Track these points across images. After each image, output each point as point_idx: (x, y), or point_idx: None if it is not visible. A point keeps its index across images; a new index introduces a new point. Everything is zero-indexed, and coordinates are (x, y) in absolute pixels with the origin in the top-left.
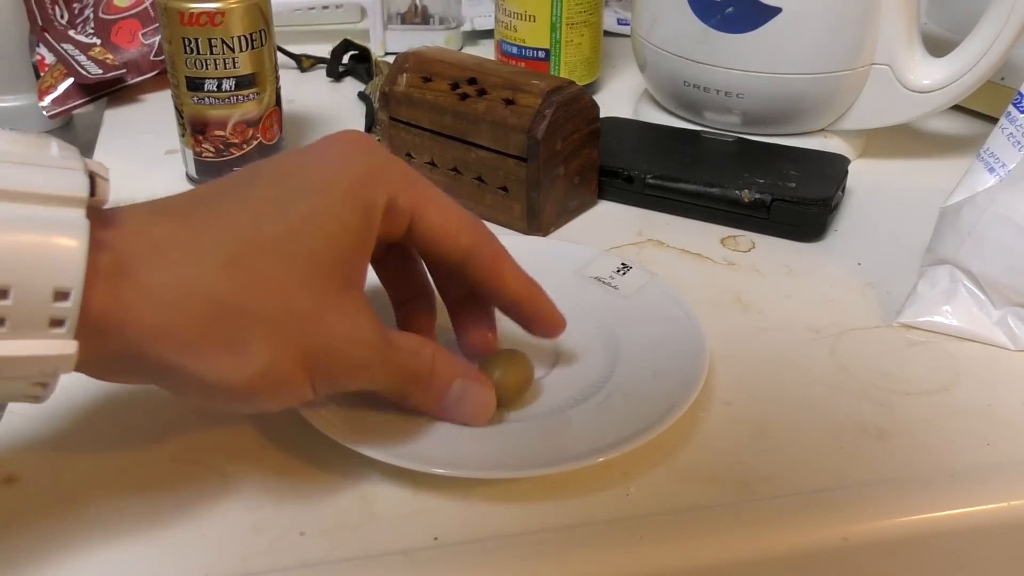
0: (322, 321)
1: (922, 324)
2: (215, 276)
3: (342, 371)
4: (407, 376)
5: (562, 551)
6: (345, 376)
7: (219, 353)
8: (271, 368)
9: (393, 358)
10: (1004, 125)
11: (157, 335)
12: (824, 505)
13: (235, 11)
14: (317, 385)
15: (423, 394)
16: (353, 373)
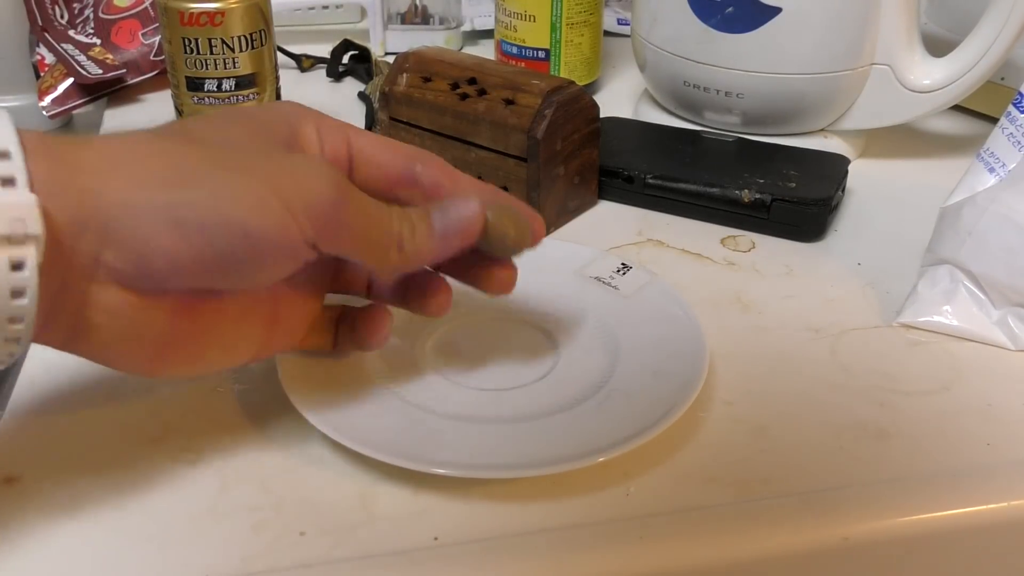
0: (284, 160)
1: (922, 324)
2: (172, 141)
3: (320, 207)
4: (386, 217)
5: (562, 551)
6: (326, 214)
7: (192, 188)
8: (247, 196)
9: (365, 200)
10: (1004, 125)
11: (122, 184)
12: (824, 505)
13: (235, 11)
14: (303, 225)
15: (409, 227)
16: (332, 211)
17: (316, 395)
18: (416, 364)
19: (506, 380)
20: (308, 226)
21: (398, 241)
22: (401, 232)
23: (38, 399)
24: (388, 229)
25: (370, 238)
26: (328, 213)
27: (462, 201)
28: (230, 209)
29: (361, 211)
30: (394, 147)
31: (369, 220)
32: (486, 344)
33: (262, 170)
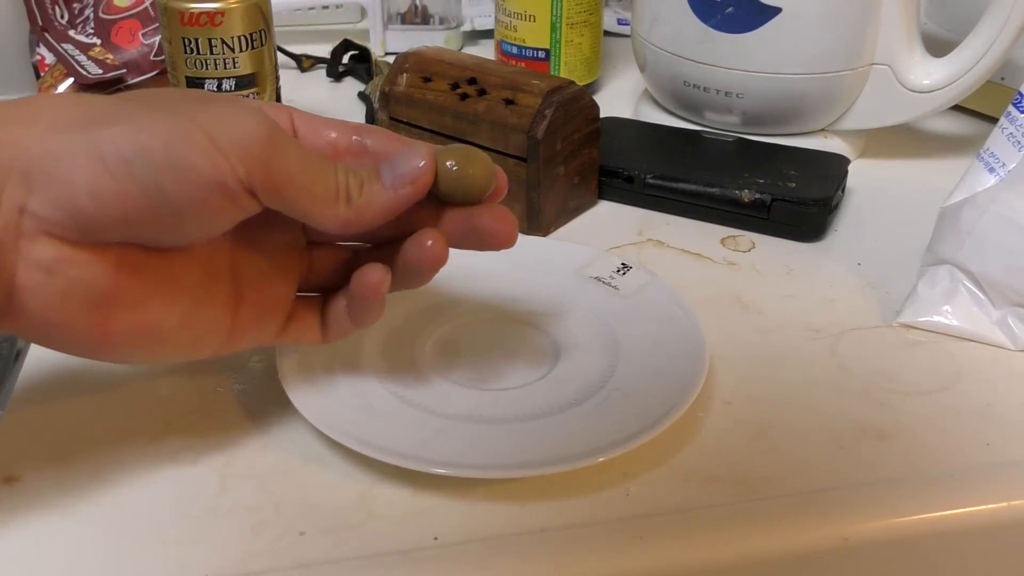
0: (211, 104)
1: (922, 324)
2: (96, 95)
3: (249, 145)
4: (330, 168)
5: (562, 551)
6: (258, 154)
7: (114, 125)
8: (170, 129)
9: (304, 150)
10: (1004, 125)
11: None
12: (824, 505)
13: (235, 11)
14: (233, 162)
15: (356, 181)
16: (264, 151)
17: (316, 395)
18: (416, 364)
19: (506, 380)
20: (238, 163)
21: (346, 193)
22: (348, 184)
23: (38, 399)
24: (333, 181)
25: (314, 191)
26: (260, 154)
27: (411, 151)
28: (151, 140)
29: (301, 160)
30: (338, 123)
31: (311, 170)
32: (486, 344)
33: (187, 111)
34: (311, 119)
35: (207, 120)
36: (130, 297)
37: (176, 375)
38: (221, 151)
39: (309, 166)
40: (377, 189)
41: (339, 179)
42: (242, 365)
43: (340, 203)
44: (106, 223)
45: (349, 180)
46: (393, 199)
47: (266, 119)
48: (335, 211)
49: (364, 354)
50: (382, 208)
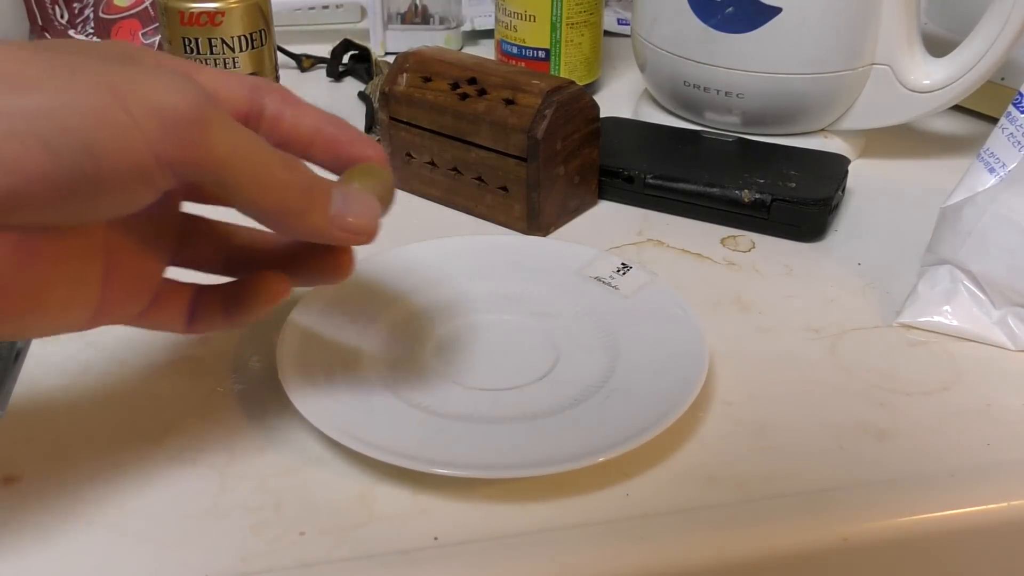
0: (135, 69)
1: (922, 324)
2: (11, 43)
3: (172, 119)
4: (280, 169)
5: (562, 551)
6: (182, 130)
7: (29, 94)
8: (88, 102)
9: (247, 137)
10: (1004, 125)
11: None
12: (824, 505)
13: (235, 11)
14: (151, 139)
15: (307, 201)
16: (190, 128)
17: (316, 395)
18: (416, 364)
19: (506, 380)
20: (157, 141)
21: (288, 209)
22: (296, 202)
23: (38, 399)
24: (282, 198)
25: (270, 183)
26: (185, 130)
27: (361, 195)
28: (68, 118)
29: (246, 143)
30: (236, 78)
31: (260, 158)
32: (486, 344)
33: (107, 76)
34: (210, 77)
35: (129, 90)
36: (25, 280)
37: (176, 375)
38: (141, 130)
39: (259, 154)
40: (320, 217)
41: (305, 178)
42: (242, 365)
43: (315, 212)
44: (16, 204)
45: (302, 203)
46: (331, 232)
47: (195, 90)
48: (311, 215)
49: (364, 354)
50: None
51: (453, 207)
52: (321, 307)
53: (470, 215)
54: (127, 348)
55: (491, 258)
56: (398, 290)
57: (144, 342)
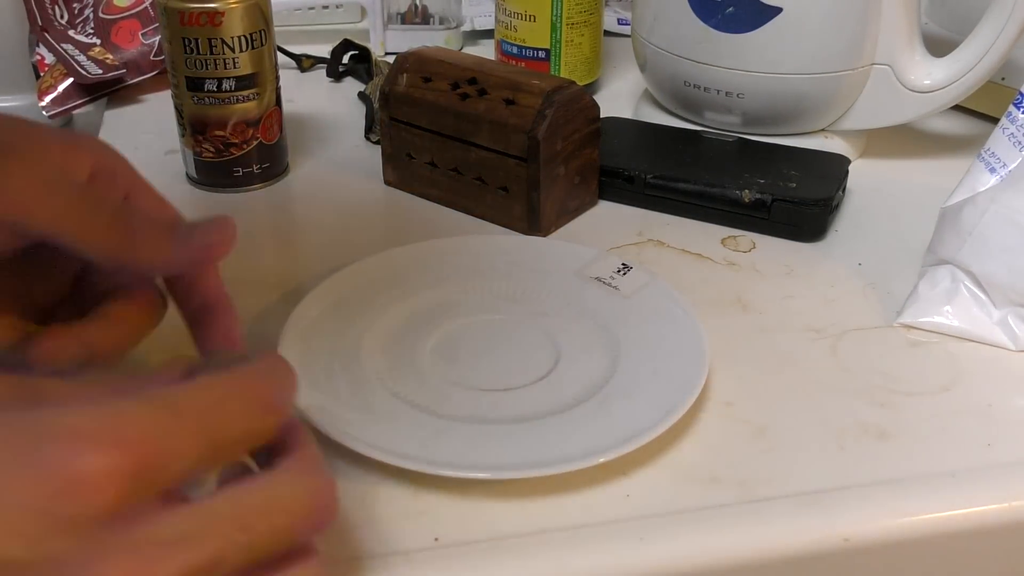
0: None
1: (923, 324)
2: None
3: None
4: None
5: (562, 551)
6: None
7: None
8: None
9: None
10: (1005, 125)
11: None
12: (824, 505)
13: (235, 11)
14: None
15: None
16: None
17: (316, 395)
18: (416, 364)
19: (506, 380)
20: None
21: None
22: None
23: None
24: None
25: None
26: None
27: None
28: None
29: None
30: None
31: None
32: (486, 344)
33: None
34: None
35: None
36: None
37: None
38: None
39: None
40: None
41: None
42: None
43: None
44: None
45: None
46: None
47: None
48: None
49: (364, 354)
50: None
51: (453, 207)
52: (321, 307)
53: (470, 215)
54: None
55: (491, 258)
56: (399, 290)
57: (144, 341)
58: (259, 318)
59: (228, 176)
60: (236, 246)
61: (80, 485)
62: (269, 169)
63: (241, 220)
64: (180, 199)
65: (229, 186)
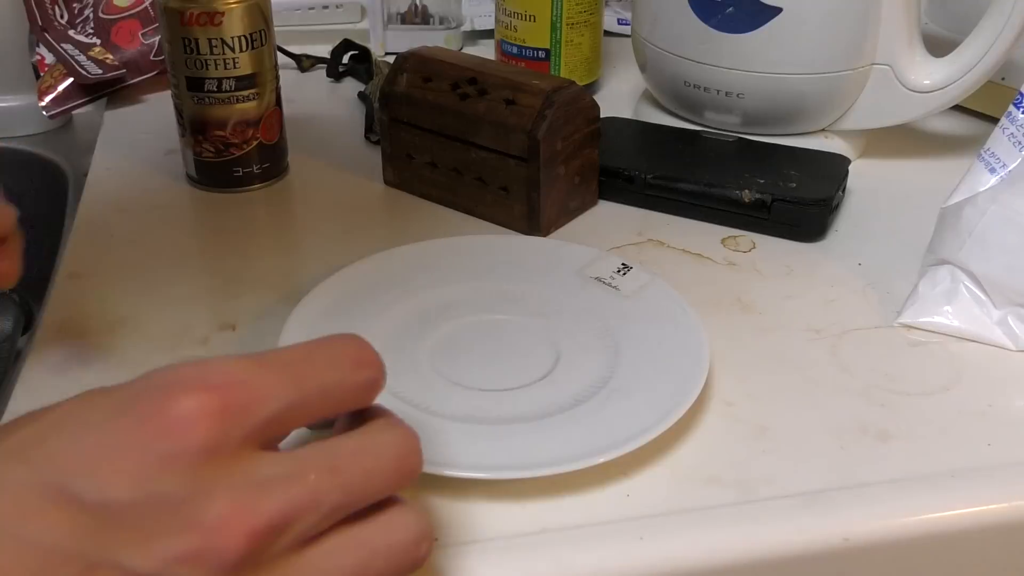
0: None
1: (923, 324)
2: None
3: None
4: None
5: (562, 551)
6: None
7: None
8: None
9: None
10: (1005, 125)
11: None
12: (824, 505)
13: (235, 11)
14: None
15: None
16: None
17: None
18: (416, 364)
19: (506, 380)
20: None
21: None
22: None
23: (38, 399)
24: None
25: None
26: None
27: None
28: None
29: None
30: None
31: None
32: (486, 344)
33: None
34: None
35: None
36: None
37: None
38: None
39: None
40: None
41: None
42: None
43: None
44: None
45: None
46: None
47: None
48: None
49: None
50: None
51: (453, 207)
52: (321, 307)
53: (470, 215)
54: (128, 347)
55: (491, 258)
56: (399, 290)
57: (145, 341)
58: (259, 318)
59: (228, 176)
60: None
61: (174, 423)
62: (269, 169)
63: (241, 220)
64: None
65: (229, 186)
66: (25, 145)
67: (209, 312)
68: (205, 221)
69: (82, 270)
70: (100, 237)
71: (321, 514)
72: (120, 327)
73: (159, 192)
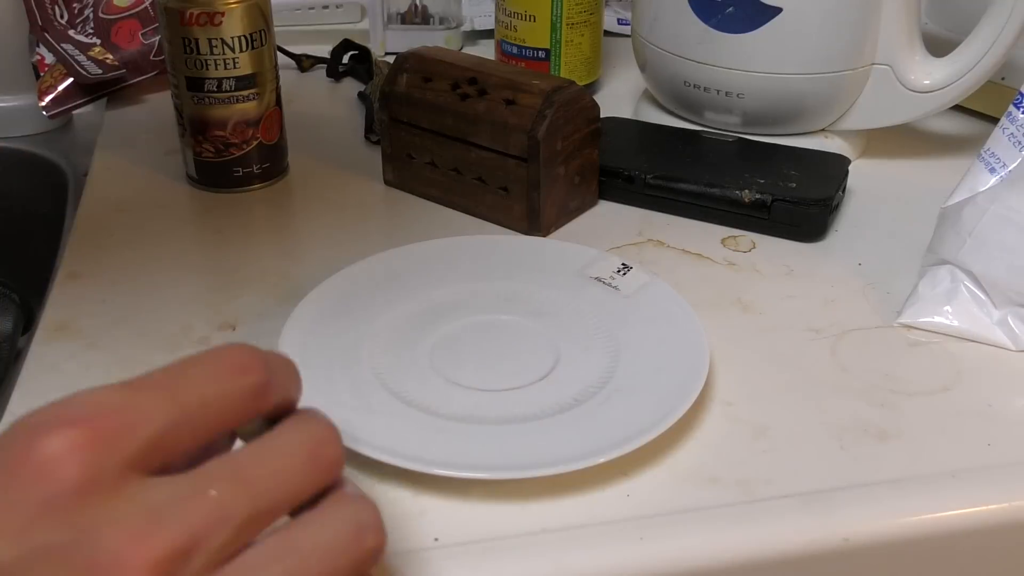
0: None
1: (923, 324)
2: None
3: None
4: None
5: (562, 551)
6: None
7: None
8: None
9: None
10: (1005, 125)
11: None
12: (824, 505)
13: (235, 11)
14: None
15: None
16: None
17: (316, 396)
18: (416, 364)
19: (506, 380)
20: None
21: None
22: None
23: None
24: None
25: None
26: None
27: None
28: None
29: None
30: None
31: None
32: (486, 344)
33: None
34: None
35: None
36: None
37: None
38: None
39: None
40: None
41: None
42: None
43: None
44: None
45: None
46: None
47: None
48: None
49: (364, 354)
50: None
51: (453, 207)
52: (321, 307)
53: (470, 215)
54: (128, 347)
55: (491, 258)
56: (399, 290)
57: (145, 341)
58: (259, 318)
59: (228, 176)
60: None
61: (42, 466)
62: (269, 169)
63: (241, 220)
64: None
65: (229, 186)
66: (25, 145)
67: (209, 312)
68: (205, 221)
69: (82, 270)
70: (100, 237)
71: (233, 527)
72: (120, 327)
73: (159, 192)
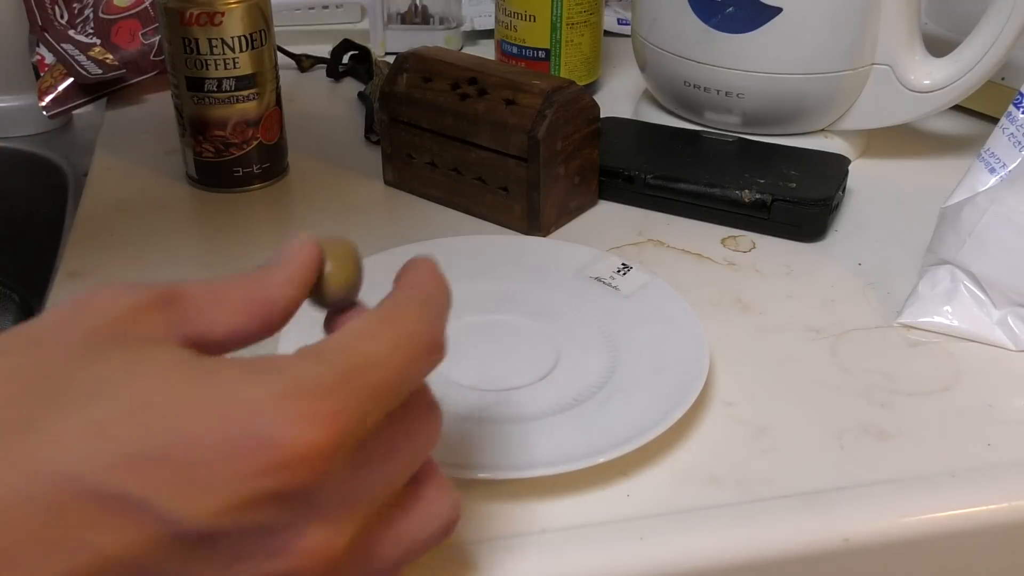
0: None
1: (923, 324)
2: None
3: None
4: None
5: (562, 551)
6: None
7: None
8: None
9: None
10: (1005, 125)
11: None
12: (824, 505)
13: (235, 11)
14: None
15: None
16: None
17: None
18: None
19: (506, 380)
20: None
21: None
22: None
23: None
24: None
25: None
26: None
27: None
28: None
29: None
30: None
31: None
32: (486, 344)
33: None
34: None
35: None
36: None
37: None
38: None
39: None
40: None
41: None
42: None
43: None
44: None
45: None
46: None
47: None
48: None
49: None
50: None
51: (453, 207)
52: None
53: (470, 215)
54: None
55: (491, 258)
56: None
57: None
58: None
59: (228, 176)
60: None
61: (288, 465)
62: (269, 169)
63: (241, 220)
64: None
65: (229, 186)
66: (25, 145)
67: None
68: (205, 221)
69: (82, 270)
70: (100, 237)
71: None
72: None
73: (159, 192)
